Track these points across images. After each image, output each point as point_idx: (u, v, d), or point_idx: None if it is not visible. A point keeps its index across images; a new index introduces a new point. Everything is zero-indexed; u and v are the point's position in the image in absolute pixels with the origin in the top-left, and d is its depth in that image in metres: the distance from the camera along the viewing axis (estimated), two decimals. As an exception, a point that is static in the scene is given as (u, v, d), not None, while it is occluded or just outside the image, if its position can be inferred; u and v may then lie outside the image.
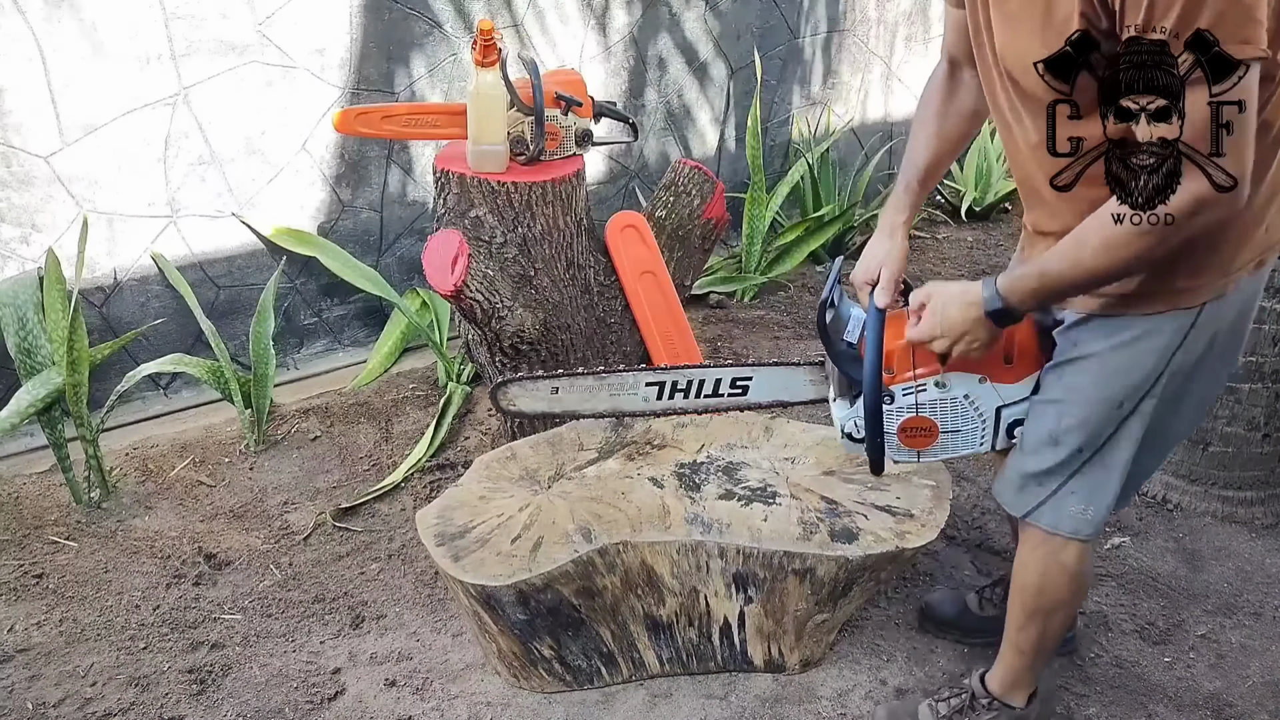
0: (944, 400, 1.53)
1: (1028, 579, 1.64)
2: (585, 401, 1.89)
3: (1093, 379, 1.46)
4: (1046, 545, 1.58)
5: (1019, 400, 1.53)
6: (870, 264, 1.61)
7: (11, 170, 2.65)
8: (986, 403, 1.53)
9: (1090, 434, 1.49)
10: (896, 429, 1.56)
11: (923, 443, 1.57)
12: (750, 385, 1.80)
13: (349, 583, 2.33)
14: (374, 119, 2.39)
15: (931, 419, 1.54)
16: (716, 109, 4.13)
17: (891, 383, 1.53)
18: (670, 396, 1.84)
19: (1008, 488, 1.61)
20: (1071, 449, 1.50)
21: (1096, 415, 1.47)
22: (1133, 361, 1.43)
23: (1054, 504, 1.55)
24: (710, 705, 1.95)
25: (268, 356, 2.80)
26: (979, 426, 1.55)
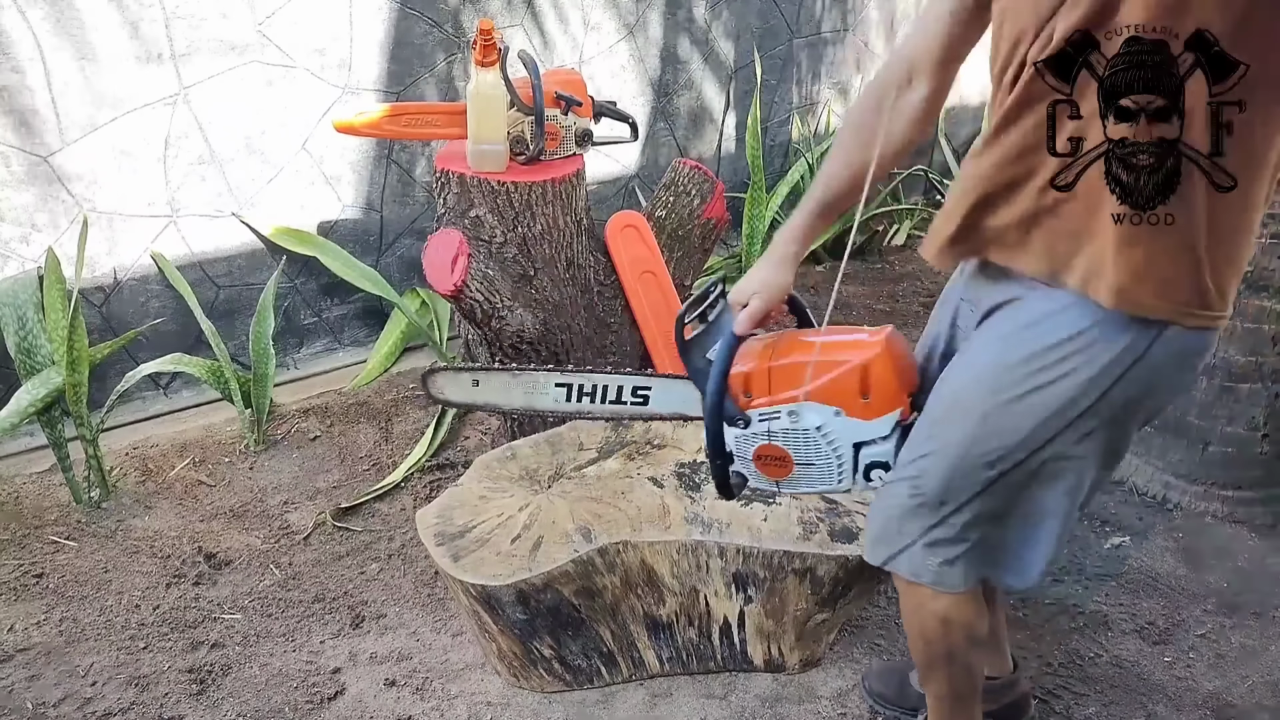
0: (796, 430, 1.46)
1: (912, 631, 1.57)
2: (502, 396, 1.87)
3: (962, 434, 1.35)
4: (915, 595, 1.50)
5: (878, 439, 1.45)
6: (745, 288, 1.53)
7: (11, 170, 2.65)
8: (842, 438, 1.45)
9: (953, 490, 1.38)
10: (752, 455, 1.51)
11: (779, 472, 1.50)
12: (650, 395, 1.77)
13: (349, 583, 2.33)
14: (374, 119, 2.39)
15: (784, 448, 1.48)
16: (716, 109, 4.13)
17: (748, 407, 1.49)
18: (579, 400, 1.80)
19: (867, 534, 1.52)
20: (932, 503, 1.40)
21: (962, 472, 1.36)
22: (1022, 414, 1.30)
23: (911, 553, 1.45)
24: (710, 705, 1.95)
25: (268, 356, 2.80)
26: (834, 462, 1.47)
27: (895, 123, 1.43)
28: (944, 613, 1.49)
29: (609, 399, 1.78)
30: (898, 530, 1.46)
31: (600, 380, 1.78)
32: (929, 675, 1.62)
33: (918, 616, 1.53)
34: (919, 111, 1.41)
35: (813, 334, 1.54)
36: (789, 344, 1.51)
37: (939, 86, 1.40)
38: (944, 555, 1.43)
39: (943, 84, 1.41)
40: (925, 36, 1.39)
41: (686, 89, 4.00)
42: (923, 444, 1.41)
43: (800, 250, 1.55)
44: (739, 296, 1.55)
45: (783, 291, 1.54)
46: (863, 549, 1.54)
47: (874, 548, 1.51)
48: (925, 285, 4.03)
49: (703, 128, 4.12)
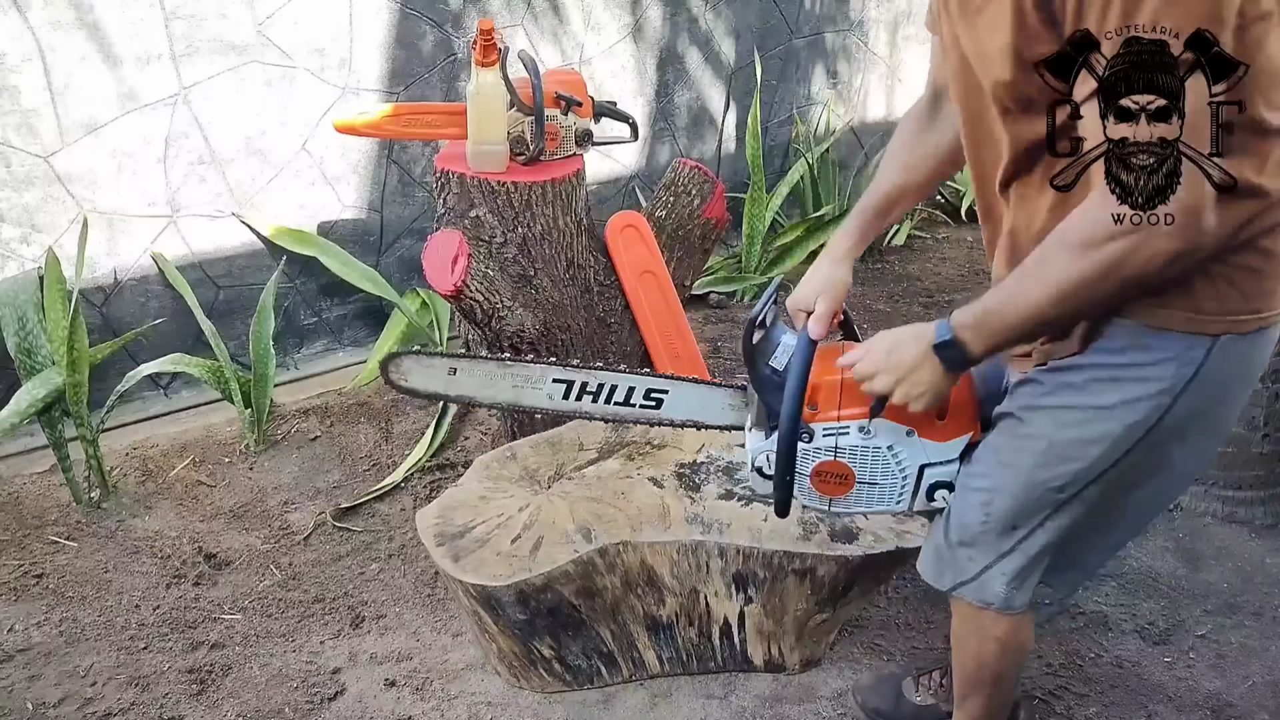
0: (866, 447, 1.41)
1: (964, 654, 1.57)
2: (484, 388, 1.73)
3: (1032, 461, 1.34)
4: (977, 620, 1.49)
5: (945, 461, 1.42)
6: (808, 291, 1.52)
7: (11, 170, 2.65)
8: (911, 458, 1.41)
9: (1023, 515, 1.38)
10: (810, 471, 1.44)
11: (836, 490, 1.44)
12: (664, 400, 1.68)
13: (349, 583, 2.33)
14: (374, 119, 2.39)
15: (849, 465, 1.42)
16: (716, 109, 4.13)
17: (813, 420, 1.42)
18: (577, 398, 1.70)
19: (930, 558, 1.51)
20: (1003, 527, 1.39)
21: (1032, 498, 1.36)
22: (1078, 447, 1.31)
23: (981, 580, 1.44)
24: (710, 705, 1.95)
25: (268, 356, 2.80)
26: (898, 482, 1.43)
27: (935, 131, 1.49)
28: (1004, 636, 1.49)
29: (615, 400, 1.69)
30: (968, 557, 1.44)
31: (609, 379, 1.69)
32: (971, 696, 1.61)
33: (976, 640, 1.52)
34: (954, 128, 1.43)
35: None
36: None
37: None
38: (1013, 579, 1.43)
39: None
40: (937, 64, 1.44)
41: (686, 89, 4.00)
42: (990, 470, 1.39)
43: (855, 247, 1.55)
44: (801, 302, 1.52)
45: (845, 288, 1.52)
46: (923, 570, 1.52)
47: (939, 572, 1.49)
48: (925, 285, 4.03)
49: (703, 128, 4.12)
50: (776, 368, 1.47)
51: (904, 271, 4.16)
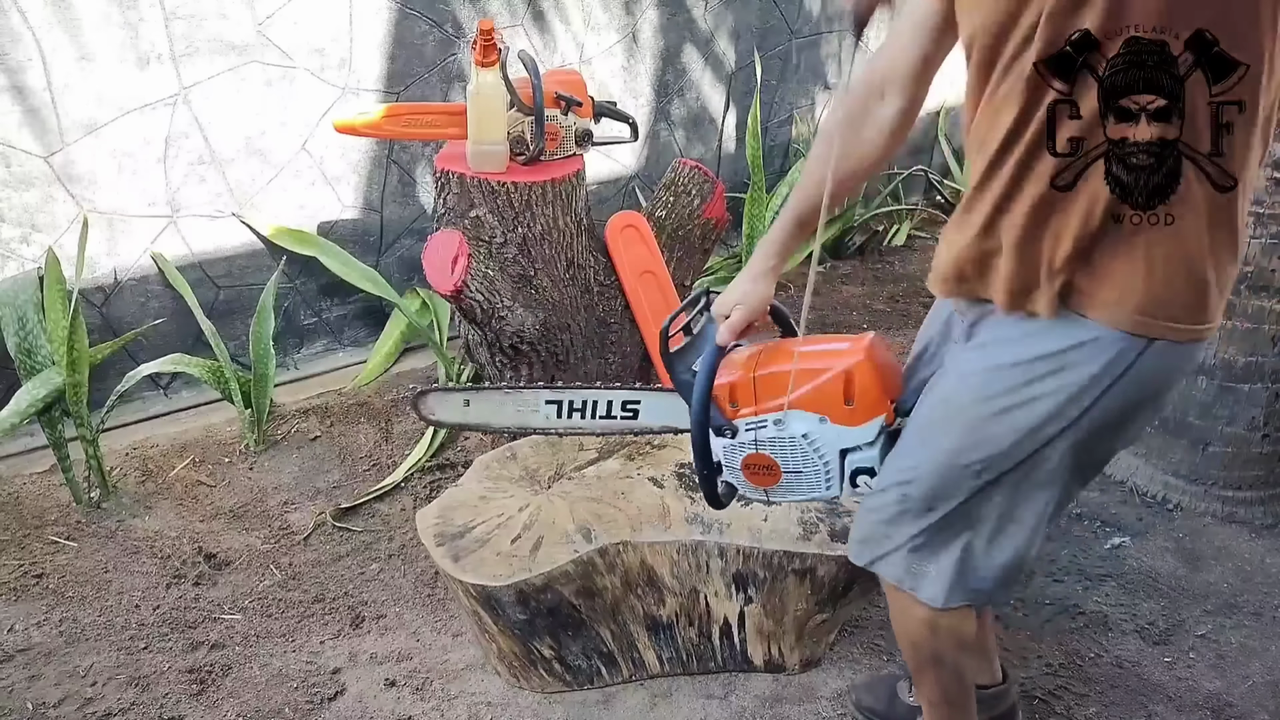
0: (782, 438, 1.47)
1: (897, 632, 1.57)
2: (494, 415, 1.88)
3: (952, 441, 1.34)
4: (900, 598, 1.50)
5: (863, 445, 1.46)
6: (726, 301, 1.55)
7: (11, 170, 2.65)
8: (828, 445, 1.46)
9: (940, 496, 1.38)
10: (740, 464, 1.52)
11: (767, 481, 1.51)
12: (639, 409, 1.78)
13: (349, 583, 2.33)
14: (374, 119, 2.39)
15: (771, 457, 1.49)
16: (716, 109, 4.13)
17: (735, 417, 1.50)
18: (569, 416, 1.82)
19: (855, 530, 1.53)
20: (920, 509, 1.40)
21: (949, 480, 1.36)
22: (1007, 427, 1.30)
23: (900, 558, 1.44)
24: (710, 705, 1.95)
25: (268, 356, 2.80)
26: (821, 469, 1.48)
27: (868, 136, 1.43)
28: (929, 617, 1.48)
29: (599, 414, 1.80)
30: (885, 534, 1.46)
31: (589, 395, 1.79)
32: (920, 679, 1.62)
33: (904, 619, 1.53)
34: (892, 125, 1.42)
35: (796, 343, 1.55)
36: (773, 353, 1.51)
37: (912, 101, 1.41)
38: (927, 561, 1.43)
39: (916, 98, 1.41)
40: (896, 51, 1.40)
41: (686, 89, 4.00)
42: (911, 450, 1.41)
43: (779, 263, 1.56)
44: (721, 309, 1.56)
45: (763, 303, 1.55)
46: (848, 548, 1.55)
47: (860, 548, 1.52)
48: (925, 285, 4.02)
49: (703, 128, 4.12)
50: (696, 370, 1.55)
51: (904, 271, 4.16)
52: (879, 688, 1.92)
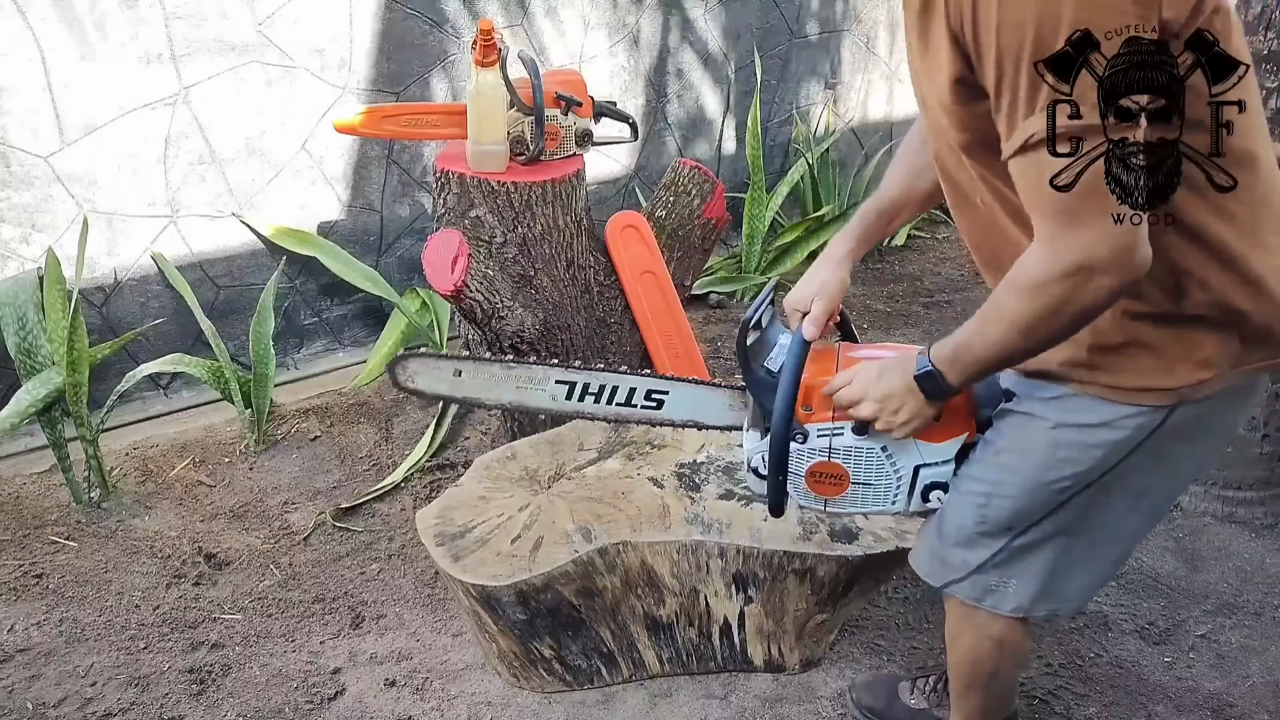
0: (860, 448, 1.41)
1: (959, 652, 1.57)
2: (488, 390, 1.76)
3: (1034, 461, 1.34)
4: (972, 618, 1.49)
5: (941, 462, 1.42)
6: (805, 292, 1.52)
7: (11, 170, 2.65)
8: (905, 459, 1.41)
9: (1021, 516, 1.38)
10: (805, 471, 1.44)
11: (831, 490, 1.45)
12: (665, 400, 1.70)
13: (349, 583, 2.33)
14: (374, 119, 2.39)
15: (844, 466, 1.42)
16: (716, 109, 4.13)
17: (808, 420, 1.42)
18: (580, 399, 1.72)
19: (924, 555, 1.50)
20: (999, 528, 1.39)
21: (1032, 499, 1.36)
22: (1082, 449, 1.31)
23: (978, 579, 1.44)
24: (710, 705, 1.95)
25: (268, 356, 2.80)
26: (893, 483, 1.43)
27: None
28: (1000, 635, 1.49)
29: (616, 400, 1.71)
30: (962, 557, 1.44)
31: (611, 380, 1.70)
32: (966, 695, 1.61)
33: (971, 638, 1.52)
34: None
35: (874, 349, 1.47)
36: (851, 359, 1.44)
37: None
38: (1008, 578, 1.42)
39: None
40: None
41: (686, 89, 4.00)
42: (990, 469, 1.39)
43: (856, 249, 1.55)
44: (798, 302, 1.52)
45: (842, 290, 1.52)
46: (916, 566, 1.52)
47: (932, 569, 1.49)
48: (925, 285, 4.03)
49: (703, 128, 4.12)
50: (771, 369, 1.47)
51: (904, 271, 4.16)
52: (879, 688, 1.92)
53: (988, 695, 1.60)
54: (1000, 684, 1.59)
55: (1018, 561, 1.42)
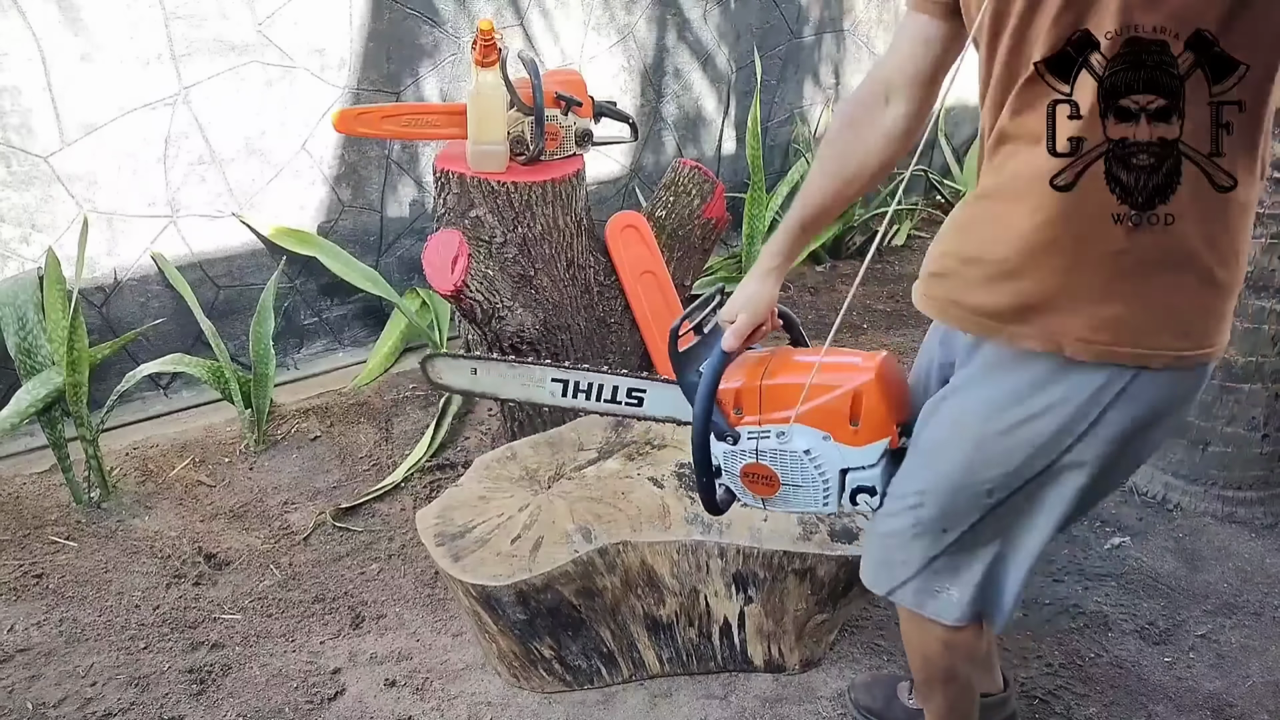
0: (784, 451, 1.45)
1: (912, 653, 1.57)
2: (500, 386, 1.89)
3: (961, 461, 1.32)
4: (918, 620, 1.49)
5: (864, 466, 1.44)
6: (734, 305, 1.54)
7: (11, 170, 2.65)
8: (829, 462, 1.44)
9: (952, 516, 1.36)
10: (740, 471, 1.50)
11: (765, 491, 1.49)
12: (644, 398, 1.78)
13: (349, 583, 2.33)
14: (374, 119, 2.39)
15: (771, 468, 1.47)
16: (716, 109, 4.13)
17: (738, 424, 1.48)
18: (574, 396, 1.82)
19: (868, 563, 1.50)
20: (933, 530, 1.38)
21: (961, 500, 1.34)
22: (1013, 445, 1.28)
23: (919, 584, 1.43)
24: (710, 705, 1.95)
25: (268, 356, 2.80)
26: (820, 485, 1.46)
27: (873, 141, 1.41)
28: (945, 636, 1.48)
29: (604, 398, 1.80)
30: (900, 560, 1.44)
31: (596, 379, 1.79)
32: (929, 694, 1.62)
33: (919, 638, 1.52)
34: (898, 129, 1.39)
35: (808, 354, 1.52)
36: (782, 363, 1.49)
37: (919, 105, 1.39)
38: (945, 584, 1.42)
39: (924, 103, 1.39)
40: (901, 56, 1.37)
41: (686, 89, 4.00)
42: (919, 473, 1.39)
43: (784, 264, 1.55)
44: (727, 314, 1.55)
45: (768, 306, 1.54)
46: (863, 575, 1.52)
47: (875, 576, 1.49)
48: (925, 285, 4.02)
49: (703, 128, 4.12)
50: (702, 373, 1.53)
51: (904, 271, 4.16)
52: (877, 688, 1.92)
53: (948, 692, 1.59)
54: (960, 681, 1.57)
55: (954, 567, 1.41)
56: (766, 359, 1.51)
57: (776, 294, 1.56)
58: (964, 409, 1.34)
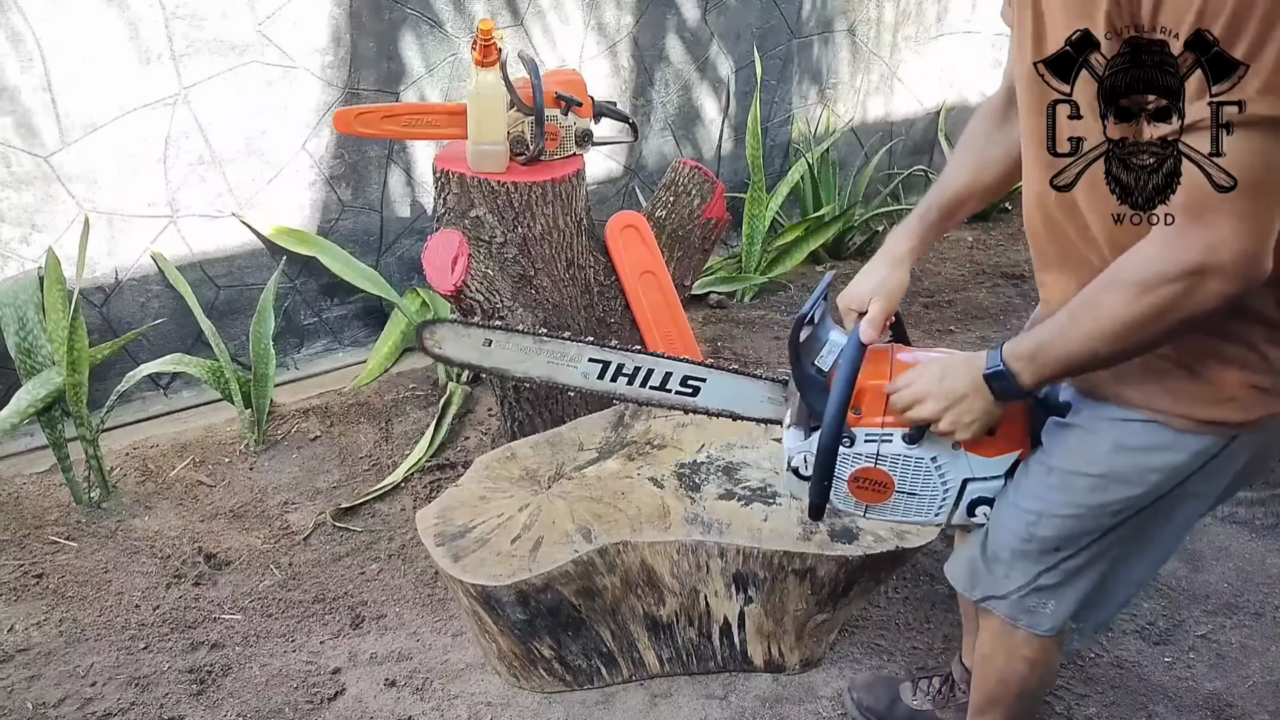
0: (909, 457, 1.36)
1: (989, 669, 1.54)
2: (518, 362, 1.73)
3: (1088, 484, 1.31)
4: (1008, 636, 1.47)
5: (990, 477, 1.37)
6: (862, 290, 1.46)
7: (11, 170, 2.65)
8: (954, 472, 1.36)
9: (1070, 537, 1.35)
10: (849, 475, 1.39)
11: (874, 498, 1.40)
12: (702, 388, 1.66)
13: (349, 583, 2.33)
14: (374, 119, 2.39)
15: (889, 474, 1.37)
16: (716, 109, 4.13)
17: (856, 424, 1.37)
18: (613, 379, 1.68)
19: (963, 567, 1.48)
20: (1046, 549, 1.36)
21: (1082, 521, 1.33)
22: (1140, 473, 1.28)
23: (1019, 597, 1.42)
24: (710, 705, 1.95)
25: (268, 356, 2.80)
26: (939, 495, 1.38)
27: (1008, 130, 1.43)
28: (1033, 655, 1.47)
29: (651, 384, 1.67)
30: (1003, 573, 1.41)
31: (646, 363, 1.67)
32: (989, 712, 1.59)
33: (1004, 656, 1.50)
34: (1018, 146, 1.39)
35: (933, 352, 1.42)
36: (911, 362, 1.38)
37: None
38: (1047, 599, 1.40)
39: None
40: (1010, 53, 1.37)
41: (686, 89, 4.00)
42: (1043, 491, 1.35)
43: (918, 246, 1.49)
44: (852, 302, 1.47)
45: (901, 291, 1.46)
46: (952, 575, 1.50)
47: (971, 582, 1.47)
48: (925, 285, 4.03)
49: (703, 128, 4.12)
50: (822, 367, 1.43)
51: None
52: (879, 688, 1.92)
53: (1012, 711, 1.57)
54: (1025, 703, 1.56)
55: (1062, 585, 1.39)
56: (887, 356, 1.40)
57: (908, 279, 1.48)
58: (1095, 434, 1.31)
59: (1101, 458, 1.30)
